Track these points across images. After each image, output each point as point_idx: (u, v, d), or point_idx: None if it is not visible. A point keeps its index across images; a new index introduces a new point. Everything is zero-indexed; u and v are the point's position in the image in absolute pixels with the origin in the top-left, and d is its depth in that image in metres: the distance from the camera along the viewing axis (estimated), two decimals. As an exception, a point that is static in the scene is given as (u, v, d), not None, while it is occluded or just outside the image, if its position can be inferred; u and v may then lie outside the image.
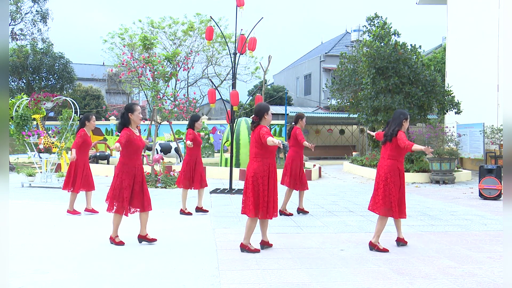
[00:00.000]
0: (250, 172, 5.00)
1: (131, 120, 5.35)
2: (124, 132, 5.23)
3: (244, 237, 5.13)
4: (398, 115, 5.31)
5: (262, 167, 4.95)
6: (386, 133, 5.34)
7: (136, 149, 5.31)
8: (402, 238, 5.52)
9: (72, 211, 7.53)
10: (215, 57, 31.92)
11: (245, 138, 15.11)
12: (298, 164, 7.41)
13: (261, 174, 4.93)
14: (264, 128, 4.98)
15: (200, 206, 7.76)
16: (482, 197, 9.88)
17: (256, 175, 4.93)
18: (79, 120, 7.62)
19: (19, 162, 19.82)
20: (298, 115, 7.55)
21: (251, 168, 5.01)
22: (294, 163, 7.39)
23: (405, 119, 5.27)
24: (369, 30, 17.03)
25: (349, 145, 27.19)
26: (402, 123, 5.26)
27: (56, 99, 12.67)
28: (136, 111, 5.36)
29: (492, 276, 4.31)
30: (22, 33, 28.52)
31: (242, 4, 10.51)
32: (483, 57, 17.37)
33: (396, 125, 5.25)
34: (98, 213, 7.60)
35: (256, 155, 5.01)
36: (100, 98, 28.92)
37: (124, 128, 5.32)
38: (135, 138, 5.29)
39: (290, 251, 5.17)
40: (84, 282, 4.05)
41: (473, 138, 16.98)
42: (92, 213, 7.61)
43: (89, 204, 7.68)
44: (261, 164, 4.96)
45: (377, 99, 15.19)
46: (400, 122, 5.26)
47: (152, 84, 12.31)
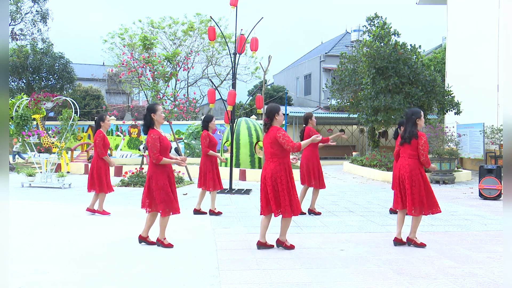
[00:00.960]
0: (267, 173, 5.06)
1: (155, 121, 5.30)
2: (154, 134, 5.17)
3: (280, 234, 5.26)
4: (410, 116, 5.39)
5: (279, 166, 5.02)
6: (403, 136, 5.43)
7: (166, 148, 5.27)
8: (413, 239, 5.49)
9: (101, 212, 7.49)
10: (215, 57, 31.94)
11: (245, 138, 15.11)
12: (315, 162, 7.49)
13: (279, 174, 5.00)
14: (281, 130, 5.01)
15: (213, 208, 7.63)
16: (482, 197, 9.88)
17: (274, 175, 5.00)
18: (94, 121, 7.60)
19: (19, 162, 19.82)
20: (306, 116, 7.55)
21: (268, 168, 5.07)
22: (311, 162, 7.46)
23: (418, 118, 5.37)
24: (369, 30, 17.04)
25: (349, 145, 27.18)
26: (416, 122, 5.36)
27: (56, 99, 12.67)
28: (158, 111, 5.31)
29: (492, 276, 4.31)
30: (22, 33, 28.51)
31: (234, 4, 10.47)
32: (483, 57, 17.38)
33: (411, 126, 5.36)
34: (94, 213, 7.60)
35: (272, 155, 5.07)
36: (100, 98, 28.90)
37: (150, 129, 5.24)
38: (163, 138, 5.27)
39: (290, 251, 5.17)
40: (84, 282, 4.05)
41: (473, 138, 16.98)
42: (93, 213, 7.59)
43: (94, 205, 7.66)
44: (278, 164, 5.03)
45: (377, 99, 15.19)
46: (413, 122, 5.36)
47: (152, 84, 12.31)
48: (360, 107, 17.13)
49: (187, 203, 8.89)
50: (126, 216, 7.39)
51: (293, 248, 5.25)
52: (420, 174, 5.31)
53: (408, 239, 5.47)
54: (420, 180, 5.29)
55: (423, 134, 5.35)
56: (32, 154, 12.09)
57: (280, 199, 5.01)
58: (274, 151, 5.04)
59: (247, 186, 11.99)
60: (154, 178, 5.21)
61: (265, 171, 5.10)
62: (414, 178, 5.27)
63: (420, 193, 5.26)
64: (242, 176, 13.92)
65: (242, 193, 10.55)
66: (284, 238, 5.27)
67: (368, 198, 9.88)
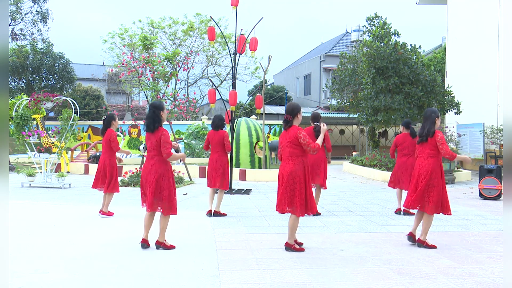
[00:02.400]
0: (285, 171, 5.05)
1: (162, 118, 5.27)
2: (167, 133, 5.15)
3: (288, 237, 5.20)
4: (430, 114, 5.45)
5: (299, 165, 5.03)
6: (421, 134, 5.48)
7: (172, 147, 5.28)
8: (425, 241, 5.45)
9: (107, 213, 7.43)
10: (215, 57, 31.94)
11: (245, 138, 15.10)
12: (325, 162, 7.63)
13: (298, 172, 5.01)
14: (301, 131, 5.03)
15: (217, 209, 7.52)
16: (482, 197, 9.88)
17: (293, 174, 5.00)
18: (103, 120, 7.55)
19: (19, 162, 19.82)
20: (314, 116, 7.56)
21: (286, 167, 5.06)
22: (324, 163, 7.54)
23: (437, 117, 5.44)
24: (369, 30, 17.04)
25: (349, 145, 27.20)
26: (435, 121, 5.42)
27: (56, 99, 12.67)
28: (165, 109, 5.31)
29: (492, 276, 4.32)
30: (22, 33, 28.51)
31: (235, 4, 10.49)
32: (483, 57, 17.38)
33: (429, 125, 5.40)
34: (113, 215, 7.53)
35: (291, 154, 5.06)
36: (100, 98, 28.88)
37: (163, 128, 5.18)
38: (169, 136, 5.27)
39: (290, 251, 5.17)
40: (84, 282, 4.05)
41: (473, 138, 16.98)
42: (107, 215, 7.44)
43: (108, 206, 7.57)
44: (297, 162, 5.03)
45: (377, 99, 15.18)
46: (433, 120, 5.42)
47: (152, 84, 12.31)
48: (360, 107, 17.13)
49: (187, 203, 8.90)
50: (126, 216, 7.39)
51: (302, 251, 5.20)
52: (440, 173, 5.34)
53: (419, 241, 5.43)
54: (439, 179, 5.32)
55: (439, 131, 5.41)
56: (32, 154, 12.09)
57: (295, 198, 5.00)
58: (293, 151, 5.05)
59: (247, 186, 11.99)
60: (166, 177, 5.16)
61: (283, 170, 5.09)
62: (433, 176, 5.30)
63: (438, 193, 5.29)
64: (242, 176, 13.92)
65: (242, 193, 10.56)
66: (292, 241, 5.23)
67: (368, 198, 9.88)
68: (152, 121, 5.17)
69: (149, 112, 5.24)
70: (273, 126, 25.77)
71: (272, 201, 9.21)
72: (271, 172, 14.02)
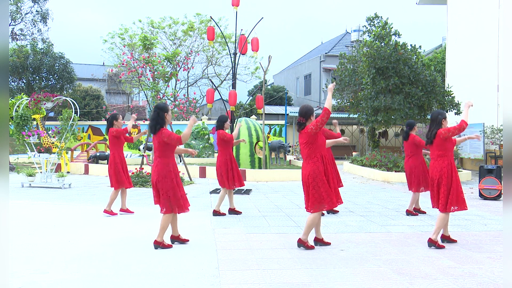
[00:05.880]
0: (306, 172, 5.13)
1: (167, 120, 5.26)
2: (169, 132, 5.14)
3: (304, 232, 5.27)
4: (436, 116, 5.52)
5: (317, 163, 5.08)
6: (428, 136, 5.56)
7: (174, 147, 5.28)
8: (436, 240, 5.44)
9: (109, 211, 7.46)
10: (215, 57, 31.96)
11: (245, 138, 15.09)
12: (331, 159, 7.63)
13: (319, 169, 5.06)
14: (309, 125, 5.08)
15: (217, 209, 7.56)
16: (482, 197, 9.88)
17: (312, 174, 5.06)
18: (106, 120, 7.65)
19: (19, 162, 19.82)
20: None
21: (307, 168, 5.12)
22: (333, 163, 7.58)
23: (443, 119, 5.50)
24: (369, 30, 17.04)
25: (349, 145, 27.19)
26: (441, 122, 5.49)
27: (56, 99, 12.68)
28: (169, 110, 5.32)
29: (492, 276, 4.31)
30: (22, 33, 28.54)
31: (236, 4, 10.50)
32: (483, 57, 17.38)
33: (435, 126, 5.48)
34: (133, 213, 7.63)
35: (309, 155, 5.14)
36: (100, 98, 28.90)
37: (162, 128, 5.18)
38: None
39: (290, 251, 5.17)
40: (84, 282, 4.05)
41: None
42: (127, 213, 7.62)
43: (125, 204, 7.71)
44: (315, 161, 5.09)
45: (377, 99, 15.18)
46: (439, 122, 5.49)
47: (152, 84, 12.32)
48: (360, 107, 17.13)
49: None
50: (126, 216, 7.39)
51: (313, 249, 5.26)
52: (452, 171, 5.37)
53: (431, 240, 5.43)
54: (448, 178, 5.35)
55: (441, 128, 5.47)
56: (32, 154, 12.09)
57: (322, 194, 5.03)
58: (310, 151, 5.12)
59: (247, 186, 11.99)
60: (168, 178, 5.15)
61: (305, 170, 5.17)
62: (446, 175, 5.35)
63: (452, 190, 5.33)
64: (242, 176, 13.89)
65: (242, 193, 10.55)
66: (306, 238, 5.28)
67: (368, 198, 9.88)
68: (155, 123, 5.18)
69: (154, 113, 5.25)
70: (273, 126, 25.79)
71: (272, 201, 9.21)
72: (271, 172, 14.02)
